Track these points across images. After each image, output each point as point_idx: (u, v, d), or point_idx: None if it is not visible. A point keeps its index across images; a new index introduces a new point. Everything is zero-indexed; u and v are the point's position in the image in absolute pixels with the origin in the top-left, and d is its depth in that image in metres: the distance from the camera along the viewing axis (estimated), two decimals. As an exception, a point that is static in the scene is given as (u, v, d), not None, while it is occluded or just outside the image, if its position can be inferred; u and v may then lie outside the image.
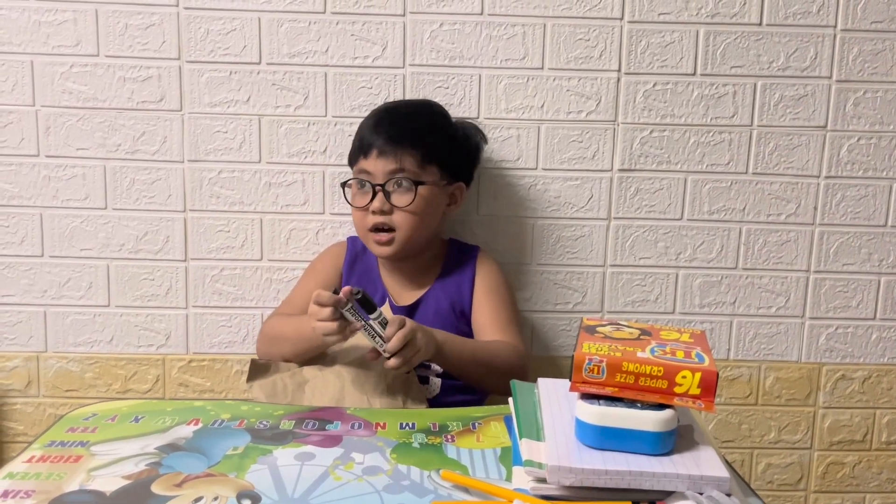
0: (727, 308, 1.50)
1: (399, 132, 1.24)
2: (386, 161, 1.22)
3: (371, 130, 1.26)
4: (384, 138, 1.23)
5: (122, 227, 1.43)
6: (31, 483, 0.73)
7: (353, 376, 1.06)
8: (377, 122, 1.27)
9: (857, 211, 1.48)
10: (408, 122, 1.28)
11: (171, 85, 1.40)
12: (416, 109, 1.34)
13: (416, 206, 1.22)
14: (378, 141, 1.23)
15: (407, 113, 1.31)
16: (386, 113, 1.30)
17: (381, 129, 1.25)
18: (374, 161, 1.23)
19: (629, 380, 0.73)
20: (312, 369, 1.10)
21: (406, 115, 1.30)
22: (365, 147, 1.24)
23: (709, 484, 0.68)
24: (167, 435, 0.84)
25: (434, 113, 1.33)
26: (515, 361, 1.20)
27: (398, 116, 1.29)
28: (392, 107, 1.34)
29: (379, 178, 1.23)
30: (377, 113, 1.31)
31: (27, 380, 1.47)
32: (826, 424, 1.54)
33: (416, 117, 1.30)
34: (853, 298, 1.50)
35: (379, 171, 1.22)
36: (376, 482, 0.74)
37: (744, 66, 1.42)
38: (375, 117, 1.30)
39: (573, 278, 1.48)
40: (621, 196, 1.46)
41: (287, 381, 1.08)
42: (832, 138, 1.45)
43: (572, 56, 1.41)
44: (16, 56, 1.38)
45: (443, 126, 1.31)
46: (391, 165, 1.22)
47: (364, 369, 1.07)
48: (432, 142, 1.26)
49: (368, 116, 1.32)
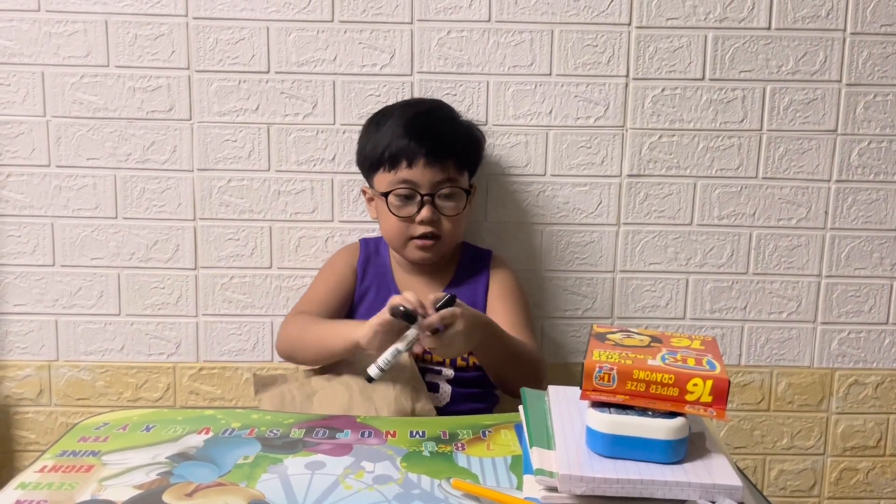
0: (738, 313, 1.49)
1: (444, 140, 1.21)
2: (434, 171, 1.19)
3: (410, 138, 1.20)
4: (429, 147, 1.19)
5: (133, 236, 1.44)
6: (44, 493, 0.73)
7: (362, 386, 1.05)
8: (415, 129, 1.21)
9: (868, 215, 1.47)
10: (444, 127, 1.24)
11: (181, 94, 1.40)
12: (441, 111, 1.29)
13: (460, 217, 1.23)
14: (423, 150, 1.18)
15: (439, 117, 1.27)
16: (419, 119, 1.24)
17: (424, 136, 1.20)
18: (421, 171, 1.19)
19: (640, 388, 0.72)
20: (320, 380, 1.09)
21: (440, 120, 1.26)
22: (408, 155, 1.19)
23: (721, 493, 0.67)
24: (178, 444, 0.84)
25: (456, 114, 1.31)
26: (536, 363, 1.20)
27: (433, 121, 1.24)
28: (421, 111, 1.27)
29: (426, 187, 1.20)
30: (405, 118, 1.24)
31: (39, 388, 1.48)
32: (839, 430, 1.53)
33: (448, 121, 1.27)
34: (865, 303, 1.49)
35: (426, 181, 1.20)
36: (387, 491, 0.74)
37: (753, 71, 1.42)
38: (404, 123, 1.23)
39: (583, 284, 1.48)
40: (630, 201, 1.46)
41: (295, 393, 1.07)
42: (843, 142, 1.45)
43: (580, 62, 1.41)
44: (27, 67, 1.39)
45: (465, 127, 1.29)
46: (439, 175, 1.20)
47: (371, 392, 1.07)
48: (466, 146, 1.25)
49: (386, 119, 1.26)
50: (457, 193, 1.22)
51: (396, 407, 1.04)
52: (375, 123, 1.28)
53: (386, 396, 1.05)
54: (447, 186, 1.21)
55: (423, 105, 1.31)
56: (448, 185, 1.21)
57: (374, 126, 1.27)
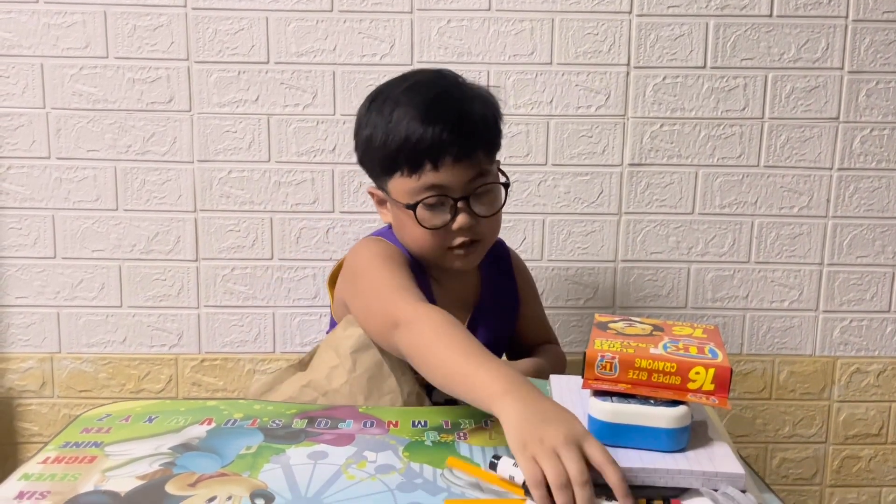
0: (740, 302, 1.49)
1: (469, 127, 0.96)
2: (464, 169, 0.96)
3: (430, 133, 0.95)
4: (456, 141, 0.95)
5: (134, 228, 1.44)
6: (47, 484, 0.73)
7: (367, 393, 1.04)
8: (433, 119, 0.95)
9: (870, 203, 1.46)
10: (465, 108, 0.97)
11: (180, 85, 1.40)
12: (454, 89, 1.00)
13: (498, 215, 1.03)
14: (449, 146, 0.95)
15: (455, 97, 0.99)
16: (435, 106, 0.96)
17: (447, 128, 0.94)
18: (451, 171, 0.96)
19: (642, 376, 0.72)
20: (322, 382, 1.07)
21: (458, 101, 0.98)
22: (432, 155, 0.95)
23: (724, 480, 0.67)
24: (181, 435, 0.84)
25: (466, 84, 1.02)
26: (560, 361, 1.19)
27: (451, 105, 0.97)
28: (432, 94, 0.98)
29: (457, 190, 0.97)
30: (417, 106, 0.96)
31: (41, 381, 1.48)
32: (841, 418, 1.53)
33: (466, 100, 0.99)
34: (867, 291, 1.49)
35: (457, 183, 0.97)
36: (389, 481, 0.74)
37: (754, 59, 1.41)
38: (419, 113, 0.96)
39: (584, 274, 1.48)
40: (632, 191, 1.45)
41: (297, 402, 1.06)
42: (845, 130, 1.44)
43: (581, 51, 1.40)
44: (26, 59, 1.38)
45: (481, 99, 1.02)
46: (470, 173, 0.97)
47: (377, 385, 1.05)
48: (491, 124, 1.01)
49: (391, 108, 0.98)
50: (493, 189, 1.01)
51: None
52: (378, 113, 1.00)
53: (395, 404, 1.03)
54: (481, 183, 0.99)
55: (432, 86, 1.00)
56: (482, 181, 0.99)
57: (378, 116, 1.00)
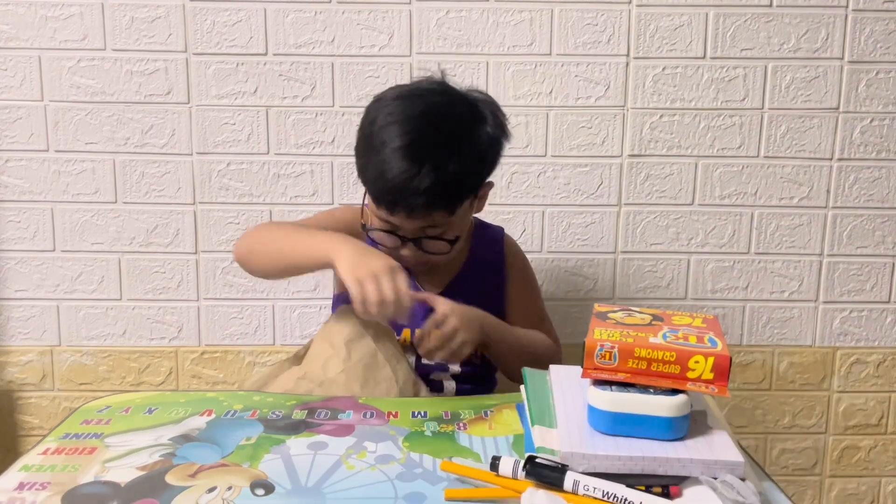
0: (740, 293, 1.49)
1: (428, 197, 1.00)
2: (416, 221, 1.03)
3: (389, 188, 1.01)
4: (410, 203, 1.00)
5: (133, 221, 1.44)
6: (47, 475, 0.73)
7: (363, 381, 1.04)
8: (397, 178, 1.00)
9: (870, 193, 1.46)
10: (435, 175, 1.00)
11: (179, 78, 1.40)
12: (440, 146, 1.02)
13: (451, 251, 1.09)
14: (402, 204, 1.01)
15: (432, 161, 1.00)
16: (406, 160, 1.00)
17: (407, 190, 1.00)
18: (402, 219, 1.03)
19: (641, 365, 0.72)
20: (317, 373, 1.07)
21: (432, 165, 1.00)
22: (384, 202, 1.02)
23: (723, 468, 0.67)
24: (180, 426, 0.84)
25: (458, 139, 1.04)
26: (550, 350, 1.17)
27: (422, 166, 1.00)
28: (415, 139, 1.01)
29: (409, 233, 1.05)
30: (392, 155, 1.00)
31: (41, 374, 1.48)
32: (841, 409, 1.53)
33: (443, 163, 1.01)
34: (867, 282, 1.49)
35: (408, 228, 1.05)
36: (389, 470, 0.74)
37: (754, 49, 1.41)
38: (388, 166, 1.00)
39: (584, 265, 1.48)
40: (631, 182, 1.45)
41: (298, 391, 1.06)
42: (844, 120, 1.44)
43: (580, 41, 1.40)
44: (23, 51, 1.38)
45: (472, 158, 1.05)
46: (422, 224, 1.04)
47: (373, 374, 1.05)
48: (463, 186, 1.05)
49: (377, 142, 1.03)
50: (443, 238, 1.06)
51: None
52: (368, 138, 1.05)
53: (390, 392, 1.03)
54: (433, 234, 1.05)
55: (418, 126, 1.03)
56: (434, 231, 1.05)
57: (366, 143, 1.06)
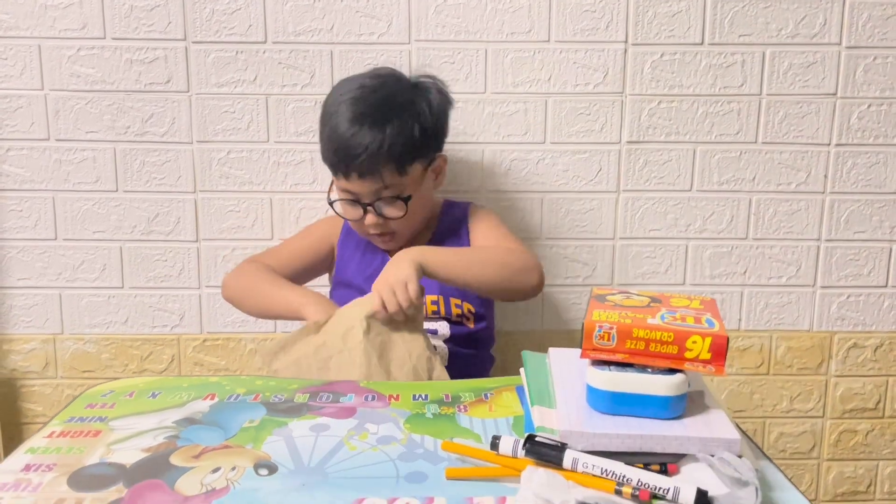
0: (738, 278, 1.50)
1: (373, 153, 1.15)
2: (368, 182, 1.18)
3: (336, 153, 1.18)
4: (356, 162, 1.16)
5: (134, 209, 1.45)
6: (53, 457, 0.74)
7: (380, 354, 1.05)
8: (342, 141, 1.17)
9: (868, 178, 1.47)
10: (376, 133, 1.16)
11: (178, 66, 1.40)
12: (381, 107, 1.18)
13: (408, 213, 1.21)
14: (353, 165, 1.16)
15: (372, 120, 1.17)
16: (350, 128, 1.17)
17: (351, 152, 1.16)
18: (356, 183, 1.18)
19: (640, 346, 0.73)
20: (336, 340, 1.08)
21: (372, 123, 1.16)
22: (339, 168, 1.19)
23: (720, 446, 0.68)
24: (184, 409, 0.85)
25: (400, 105, 1.19)
26: (521, 256, 1.20)
27: (365, 130, 1.16)
28: (356, 113, 1.18)
29: (365, 197, 1.19)
30: (337, 126, 1.18)
31: (45, 362, 1.49)
32: (838, 393, 1.54)
33: (383, 122, 1.17)
34: (864, 266, 1.50)
35: (363, 191, 1.19)
36: (390, 451, 0.75)
37: (752, 35, 1.41)
38: (335, 133, 1.18)
39: (583, 252, 1.49)
40: (630, 168, 1.46)
41: (311, 360, 1.07)
42: (842, 105, 1.44)
43: (579, 28, 1.40)
44: (23, 40, 1.38)
45: (413, 117, 1.19)
46: (375, 185, 1.18)
47: (390, 348, 1.07)
48: (408, 144, 1.18)
49: (329, 118, 1.20)
50: (396, 200, 1.20)
51: (414, 376, 1.05)
52: (323, 116, 1.24)
53: (403, 366, 1.05)
54: (384, 194, 1.19)
55: (360, 101, 1.19)
56: (388, 192, 1.19)
57: (322, 120, 1.24)
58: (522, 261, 1.19)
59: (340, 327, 1.07)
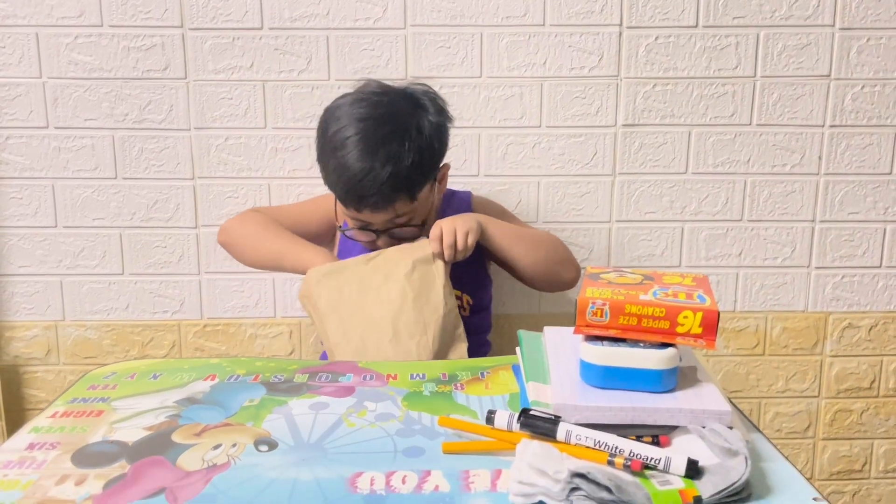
0: (733, 260, 1.51)
1: (385, 191, 1.13)
2: (382, 214, 1.16)
3: (349, 194, 1.14)
4: (372, 200, 1.13)
5: (133, 196, 1.46)
6: (56, 436, 0.76)
7: (416, 294, 1.08)
8: (354, 183, 1.13)
9: (862, 159, 1.48)
10: (389, 168, 1.12)
11: (175, 53, 1.40)
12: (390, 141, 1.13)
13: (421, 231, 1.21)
14: (365, 201, 1.14)
15: (385, 156, 1.12)
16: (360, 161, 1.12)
17: (366, 189, 1.12)
18: (370, 216, 1.17)
19: (632, 322, 0.74)
20: (378, 276, 1.10)
21: (385, 160, 1.12)
22: (351, 203, 1.16)
23: (710, 417, 0.70)
24: (185, 390, 0.86)
25: (406, 133, 1.14)
26: (566, 250, 1.27)
27: (375, 163, 1.12)
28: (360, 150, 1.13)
29: (378, 225, 1.18)
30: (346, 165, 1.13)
31: (47, 348, 1.50)
32: (833, 373, 1.56)
33: (396, 159, 1.13)
34: (859, 247, 1.51)
35: (376, 221, 1.17)
36: (389, 427, 0.76)
37: (746, 17, 1.42)
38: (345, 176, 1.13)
39: (579, 235, 1.50)
40: (625, 151, 1.46)
41: (353, 287, 1.09)
42: (836, 87, 1.45)
43: (573, 11, 1.41)
44: (21, 28, 1.39)
45: (420, 143, 1.15)
46: (388, 215, 1.16)
47: (429, 292, 1.09)
48: (417, 172, 1.15)
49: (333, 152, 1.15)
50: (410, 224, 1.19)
51: (443, 324, 1.07)
52: (325, 147, 1.18)
53: (437, 311, 1.08)
54: (401, 223, 1.18)
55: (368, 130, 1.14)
56: (401, 220, 1.18)
57: (322, 151, 1.19)
58: (567, 254, 1.28)
59: (387, 265, 1.12)
